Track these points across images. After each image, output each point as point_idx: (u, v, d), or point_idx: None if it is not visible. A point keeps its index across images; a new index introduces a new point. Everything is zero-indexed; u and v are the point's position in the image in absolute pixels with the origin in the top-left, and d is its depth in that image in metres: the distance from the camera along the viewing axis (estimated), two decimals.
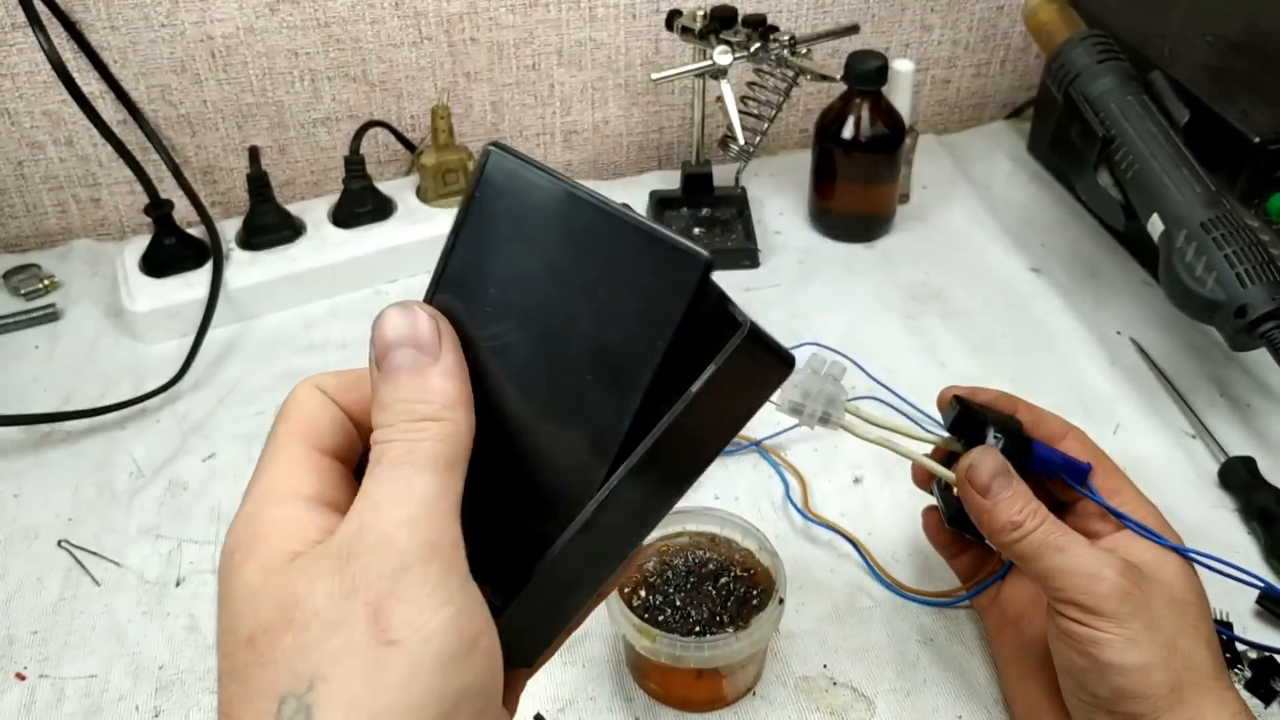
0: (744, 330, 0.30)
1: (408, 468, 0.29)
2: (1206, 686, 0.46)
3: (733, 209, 0.94)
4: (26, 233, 0.94)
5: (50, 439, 0.74)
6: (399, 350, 0.30)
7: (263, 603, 0.28)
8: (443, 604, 0.28)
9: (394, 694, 0.26)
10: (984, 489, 0.50)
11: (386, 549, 0.28)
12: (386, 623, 0.27)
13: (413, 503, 0.29)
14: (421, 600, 0.27)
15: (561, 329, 0.31)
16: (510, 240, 0.32)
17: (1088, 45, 0.77)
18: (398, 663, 0.27)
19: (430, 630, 0.27)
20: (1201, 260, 0.67)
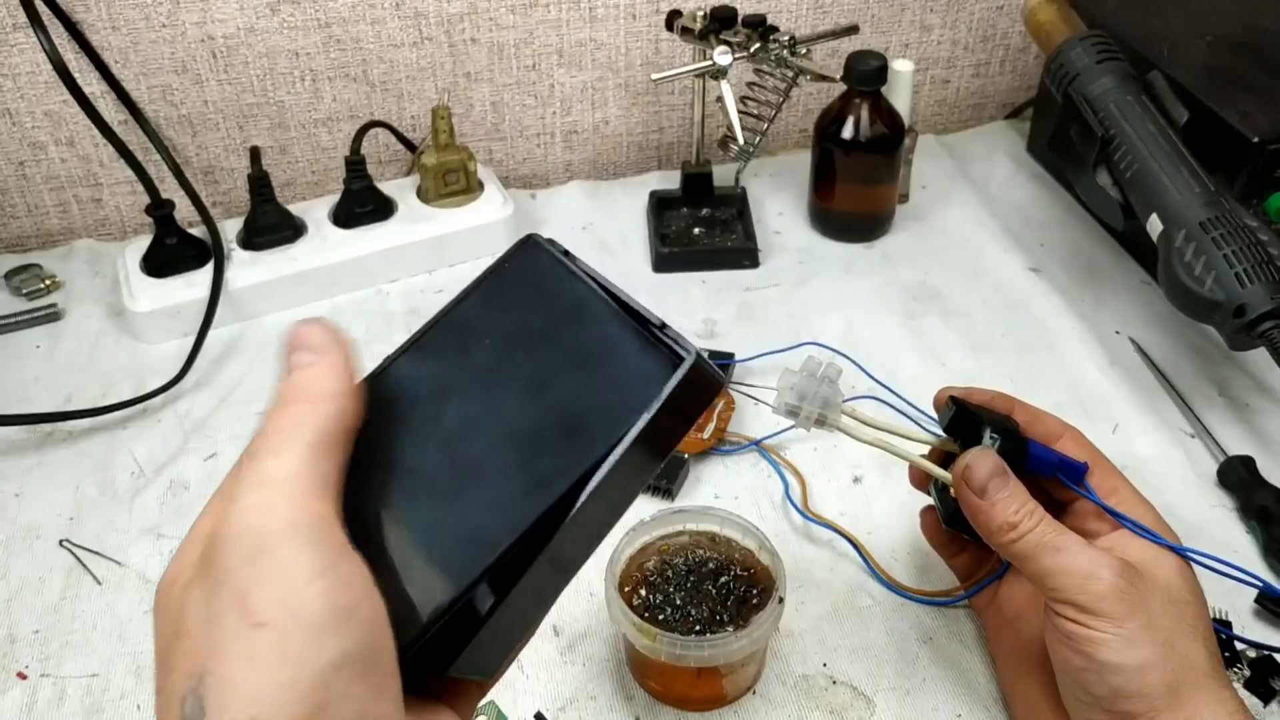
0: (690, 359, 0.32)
1: (263, 455, 0.30)
2: (1204, 685, 0.46)
3: (732, 209, 0.94)
4: (28, 233, 0.94)
5: (52, 439, 0.74)
6: (295, 353, 0.32)
7: (167, 621, 0.30)
8: (311, 578, 0.28)
9: (267, 672, 0.27)
10: (980, 490, 0.50)
11: (245, 536, 0.29)
12: (253, 606, 0.28)
13: (267, 486, 0.30)
14: (287, 578, 0.28)
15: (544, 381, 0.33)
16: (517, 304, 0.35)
17: (1087, 45, 0.77)
18: (267, 642, 0.27)
19: (297, 605, 0.28)
20: (1200, 260, 0.67)
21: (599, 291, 0.35)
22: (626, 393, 0.33)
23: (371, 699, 0.29)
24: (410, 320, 0.84)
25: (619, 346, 0.33)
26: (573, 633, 0.61)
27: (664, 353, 0.33)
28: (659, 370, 0.33)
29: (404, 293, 0.88)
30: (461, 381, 0.34)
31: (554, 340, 0.34)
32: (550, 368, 0.34)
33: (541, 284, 0.35)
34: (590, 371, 0.33)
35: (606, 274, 0.36)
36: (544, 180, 1.03)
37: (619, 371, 0.33)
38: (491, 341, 0.35)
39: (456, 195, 0.90)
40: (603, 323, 0.34)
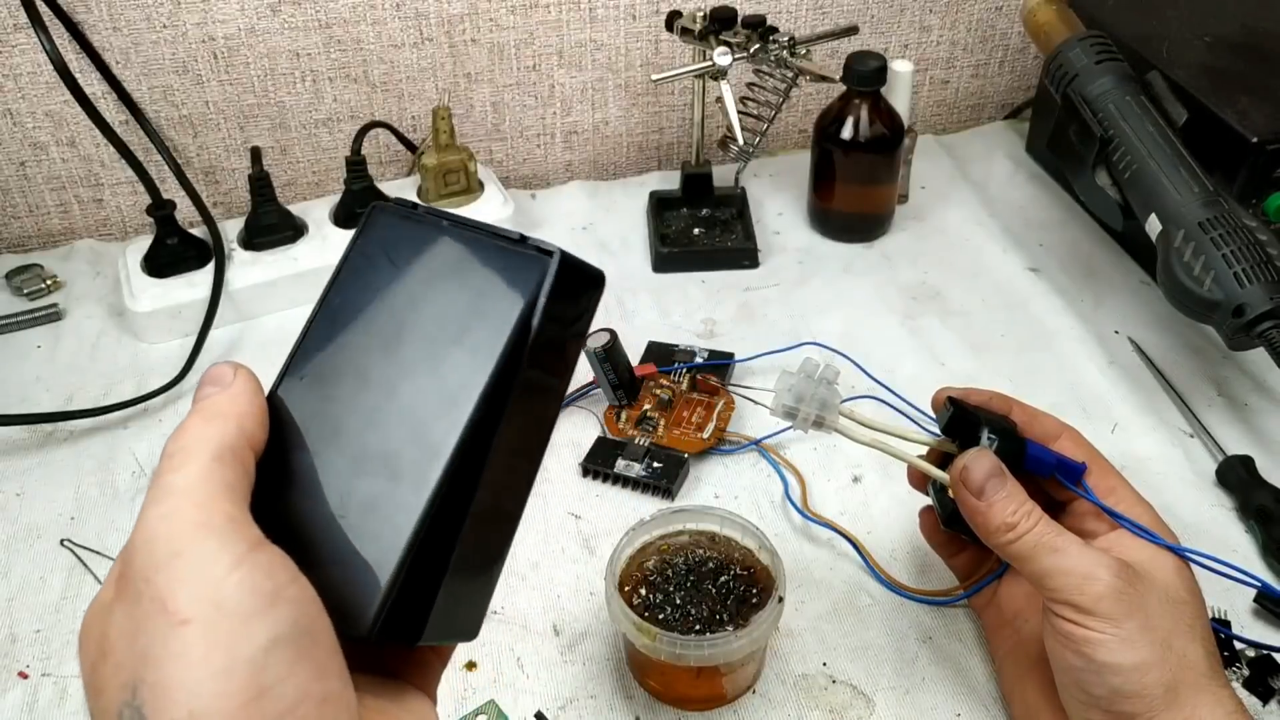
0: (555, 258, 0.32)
1: (166, 471, 0.31)
2: (1202, 685, 0.46)
3: (732, 209, 0.94)
4: (29, 233, 0.94)
5: (53, 438, 0.74)
6: (200, 389, 0.33)
7: (90, 645, 0.30)
8: (228, 571, 0.28)
9: (200, 666, 0.27)
10: (978, 491, 0.50)
11: (153, 545, 0.29)
12: (175, 607, 0.28)
13: (171, 496, 0.30)
14: (204, 575, 0.28)
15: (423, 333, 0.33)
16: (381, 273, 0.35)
17: (1086, 46, 0.77)
18: (195, 637, 0.28)
19: (218, 597, 0.28)
20: (1199, 260, 0.67)
21: (453, 229, 0.34)
22: (497, 309, 0.32)
23: (313, 679, 0.29)
24: None
25: (483, 270, 0.33)
26: (573, 632, 0.61)
27: (529, 259, 0.33)
28: (526, 277, 0.32)
29: None
30: (352, 364, 0.34)
31: (423, 291, 0.34)
32: (427, 318, 0.33)
33: (397, 245, 0.35)
34: (461, 305, 0.33)
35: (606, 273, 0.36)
36: (544, 180, 1.03)
37: (487, 293, 0.33)
38: (367, 317, 0.34)
39: (457, 195, 0.90)
40: (463, 257, 0.34)
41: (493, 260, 0.33)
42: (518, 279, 0.33)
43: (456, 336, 0.33)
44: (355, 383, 0.34)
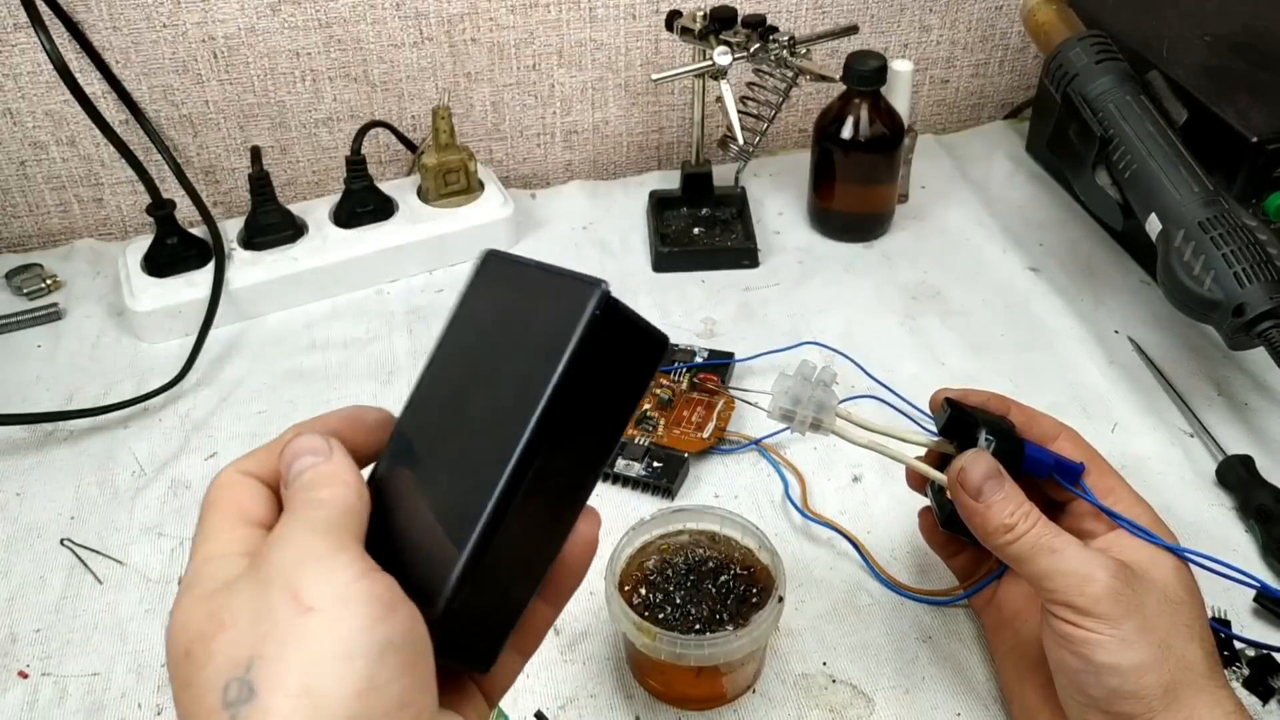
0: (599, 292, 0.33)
1: (307, 508, 0.33)
2: (1201, 686, 0.46)
3: (732, 209, 0.94)
4: (29, 232, 0.94)
5: (53, 438, 0.74)
6: (298, 460, 0.35)
7: (195, 621, 0.31)
8: (356, 578, 0.31)
9: (320, 649, 0.29)
10: (975, 492, 0.50)
11: (294, 544, 0.32)
12: (304, 597, 0.30)
13: (312, 525, 0.33)
14: (334, 576, 0.31)
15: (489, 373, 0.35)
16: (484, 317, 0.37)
17: (1086, 45, 0.77)
18: (320, 624, 0.30)
19: (346, 595, 0.30)
20: (1199, 259, 0.67)
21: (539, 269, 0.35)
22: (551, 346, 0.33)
23: (414, 689, 0.31)
24: (410, 320, 0.85)
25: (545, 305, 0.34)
26: (573, 632, 0.61)
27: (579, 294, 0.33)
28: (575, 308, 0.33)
29: (404, 292, 0.88)
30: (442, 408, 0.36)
31: (502, 327, 0.36)
32: (504, 356, 0.35)
33: (501, 292, 0.37)
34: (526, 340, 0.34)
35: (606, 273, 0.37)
36: (544, 180, 1.03)
37: (545, 328, 0.34)
38: (463, 352, 0.37)
39: (457, 195, 0.90)
40: (538, 294, 0.35)
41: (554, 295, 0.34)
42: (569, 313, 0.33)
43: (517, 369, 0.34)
44: (438, 424, 0.36)
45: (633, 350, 0.35)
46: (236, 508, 0.35)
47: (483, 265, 0.37)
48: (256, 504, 0.36)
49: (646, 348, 0.35)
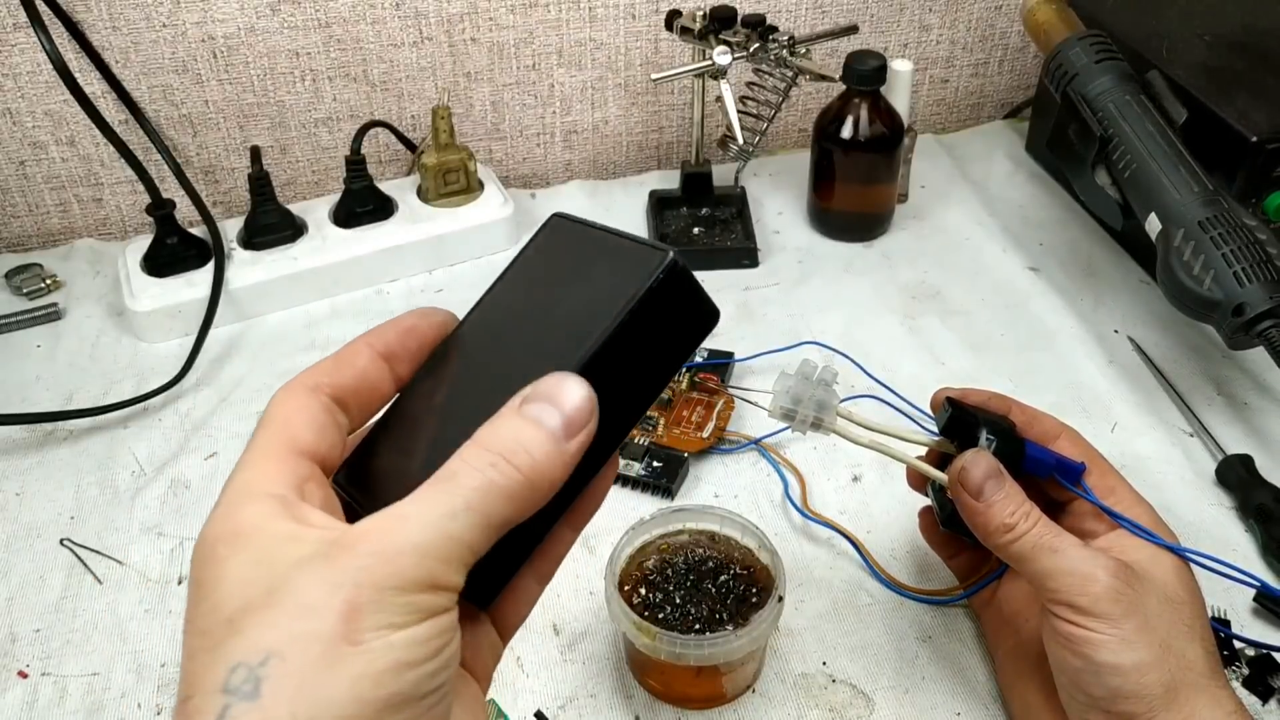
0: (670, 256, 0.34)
1: (461, 500, 0.30)
2: (1201, 685, 0.46)
3: (732, 208, 0.94)
4: (29, 232, 0.94)
5: (53, 438, 0.74)
6: (548, 409, 0.31)
7: (252, 586, 0.29)
8: (418, 621, 0.29)
9: (342, 686, 0.27)
10: (976, 492, 0.50)
11: (387, 563, 0.29)
12: (356, 624, 0.28)
13: (439, 535, 0.29)
14: (398, 616, 0.28)
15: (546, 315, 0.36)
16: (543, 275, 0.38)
17: (1085, 45, 0.77)
18: (356, 660, 0.28)
19: (395, 640, 0.28)
20: (1199, 259, 0.67)
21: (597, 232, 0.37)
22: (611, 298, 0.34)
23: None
24: None
25: (609, 266, 0.35)
26: (572, 631, 0.61)
27: (643, 256, 0.34)
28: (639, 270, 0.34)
29: (404, 292, 0.88)
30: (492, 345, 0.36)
31: (568, 286, 0.36)
32: (560, 307, 0.36)
33: (564, 250, 0.37)
34: (585, 296, 0.35)
35: None
36: (544, 180, 1.03)
37: (606, 286, 0.34)
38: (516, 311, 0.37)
39: (456, 195, 0.90)
40: (602, 255, 0.36)
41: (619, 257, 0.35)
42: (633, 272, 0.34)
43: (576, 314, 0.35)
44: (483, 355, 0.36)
45: (690, 316, 0.35)
46: (288, 432, 0.33)
47: (548, 227, 0.38)
48: (310, 429, 0.33)
49: (701, 317, 0.36)
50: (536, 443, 0.31)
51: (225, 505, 0.31)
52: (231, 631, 0.28)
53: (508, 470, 0.30)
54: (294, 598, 0.28)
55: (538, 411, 0.31)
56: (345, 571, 0.28)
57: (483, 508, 0.30)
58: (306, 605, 0.28)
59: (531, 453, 0.31)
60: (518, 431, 0.31)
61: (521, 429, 0.31)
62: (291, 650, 0.27)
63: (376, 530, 0.29)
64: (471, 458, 0.30)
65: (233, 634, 0.28)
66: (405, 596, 0.28)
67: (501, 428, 0.31)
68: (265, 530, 0.30)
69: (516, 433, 0.31)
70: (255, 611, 0.28)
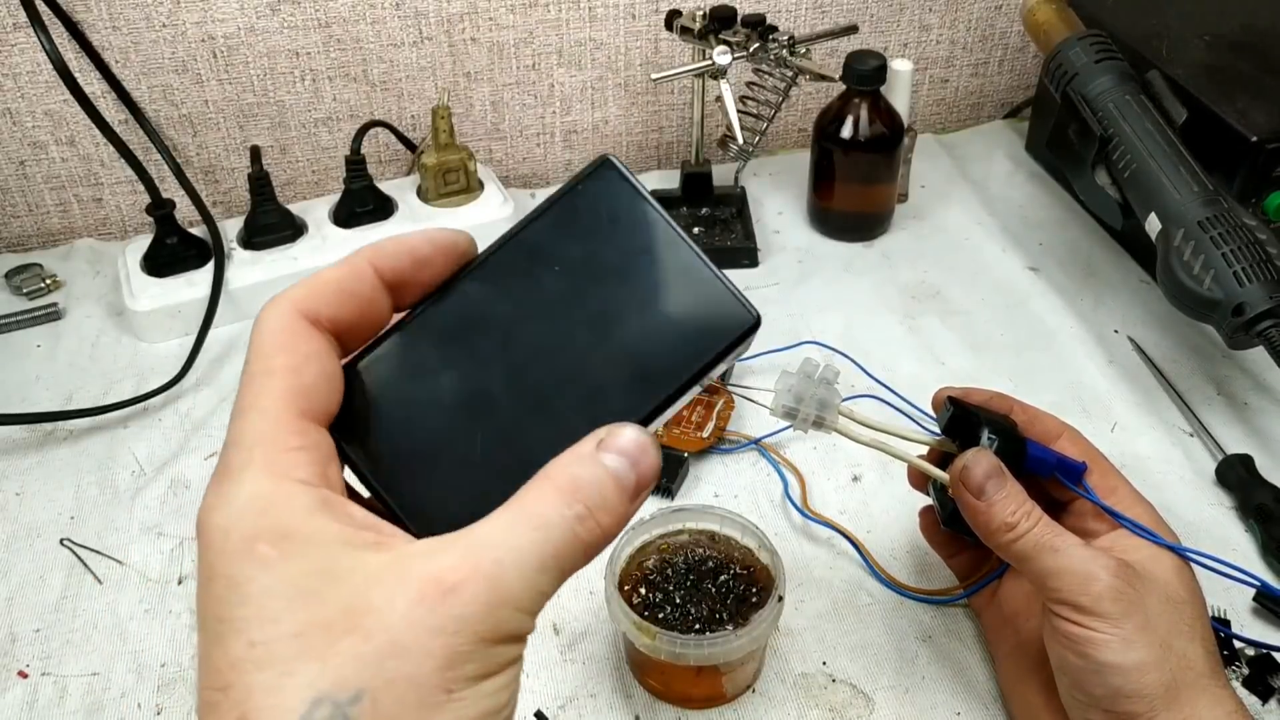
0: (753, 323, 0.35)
1: (552, 551, 0.29)
2: (1202, 685, 0.46)
3: (732, 208, 0.94)
4: (29, 232, 0.94)
5: (52, 438, 0.74)
6: (626, 464, 0.31)
7: (324, 603, 0.27)
8: (501, 670, 0.28)
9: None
10: (977, 491, 0.50)
11: (489, 614, 0.28)
12: (455, 673, 0.27)
13: (533, 590, 0.29)
14: (488, 666, 0.28)
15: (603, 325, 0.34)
16: (590, 231, 0.35)
17: (1085, 45, 0.77)
18: (449, 710, 0.27)
19: (484, 689, 0.28)
20: (1199, 259, 0.67)
21: (670, 230, 0.35)
22: (689, 342, 0.34)
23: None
24: None
25: (688, 293, 0.34)
26: (572, 631, 0.61)
27: (732, 307, 0.34)
28: (724, 323, 0.34)
29: None
30: (531, 307, 0.34)
31: (625, 274, 0.34)
32: (619, 303, 0.34)
33: (615, 212, 0.35)
34: (657, 314, 0.34)
35: None
36: (544, 179, 1.03)
37: (686, 320, 0.34)
38: (561, 268, 0.34)
39: (456, 195, 0.90)
40: (674, 265, 0.34)
41: (699, 292, 0.34)
42: (717, 326, 0.34)
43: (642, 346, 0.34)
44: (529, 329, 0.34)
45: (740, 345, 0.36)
46: (301, 391, 0.30)
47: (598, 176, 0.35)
48: (322, 387, 0.30)
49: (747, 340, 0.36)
50: (616, 499, 0.30)
51: (250, 490, 0.28)
52: (304, 652, 0.26)
53: (592, 526, 0.30)
54: (385, 631, 0.27)
55: (618, 466, 0.30)
56: (447, 616, 0.27)
57: (568, 561, 0.29)
58: (402, 644, 0.27)
59: (612, 510, 0.30)
60: (603, 485, 0.30)
61: (606, 483, 0.30)
62: (386, 693, 0.26)
63: (475, 574, 0.28)
64: (559, 504, 0.29)
65: (306, 656, 0.26)
66: (499, 647, 0.28)
67: (586, 475, 0.30)
68: (318, 533, 0.28)
69: (602, 486, 0.30)
70: (336, 636, 0.27)
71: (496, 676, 0.28)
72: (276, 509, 0.28)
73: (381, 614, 0.27)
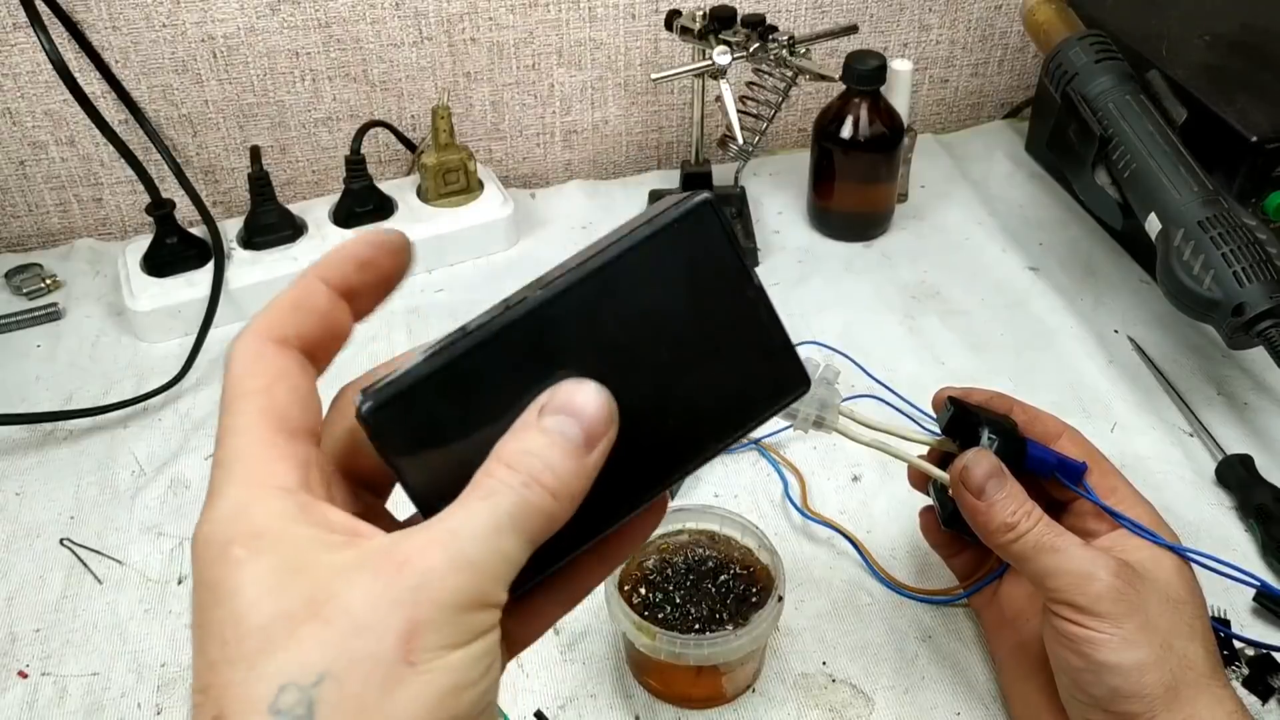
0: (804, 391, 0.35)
1: (506, 520, 0.29)
2: (1202, 685, 0.46)
3: (732, 208, 0.94)
4: (29, 232, 0.94)
5: (52, 438, 0.74)
6: (568, 421, 0.30)
7: (288, 595, 0.27)
8: (470, 642, 0.28)
9: (402, 710, 0.27)
10: (977, 491, 0.50)
11: (445, 580, 0.28)
12: (416, 644, 0.27)
13: (491, 551, 0.29)
14: (454, 636, 0.28)
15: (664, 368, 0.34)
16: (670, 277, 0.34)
17: (1085, 45, 0.77)
18: (415, 682, 0.27)
19: (453, 660, 0.27)
20: (1199, 259, 0.67)
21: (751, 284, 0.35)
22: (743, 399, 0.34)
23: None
24: (410, 319, 0.84)
25: (755, 350, 0.35)
26: (572, 631, 0.61)
27: (791, 371, 0.35)
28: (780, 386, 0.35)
29: (404, 292, 0.87)
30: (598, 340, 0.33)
31: (695, 320, 0.34)
32: (684, 348, 0.34)
33: (702, 256, 0.34)
34: (719, 365, 0.34)
35: None
36: (544, 179, 1.03)
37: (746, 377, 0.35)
38: (635, 307, 0.34)
39: (456, 194, 0.90)
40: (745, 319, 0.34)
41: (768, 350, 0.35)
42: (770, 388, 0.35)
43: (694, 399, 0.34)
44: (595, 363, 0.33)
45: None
46: (274, 409, 0.30)
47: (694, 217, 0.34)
48: (296, 403, 0.31)
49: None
50: (561, 458, 0.30)
51: (230, 501, 0.29)
52: (269, 644, 0.27)
53: (539, 490, 0.29)
54: (345, 613, 0.27)
55: (559, 425, 0.30)
56: (403, 588, 0.27)
57: (524, 522, 0.29)
58: (361, 622, 0.27)
59: (557, 470, 0.30)
60: (544, 449, 0.30)
61: (547, 446, 0.30)
62: (349, 672, 0.26)
63: (430, 544, 0.28)
64: (504, 474, 0.30)
65: (271, 647, 0.26)
66: (462, 615, 0.28)
67: (527, 444, 0.30)
68: (289, 532, 0.28)
69: (543, 450, 0.30)
70: (297, 624, 0.27)
71: (467, 647, 0.28)
72: (250, 513, 0.29)
73: (341, 598, 0.27)
